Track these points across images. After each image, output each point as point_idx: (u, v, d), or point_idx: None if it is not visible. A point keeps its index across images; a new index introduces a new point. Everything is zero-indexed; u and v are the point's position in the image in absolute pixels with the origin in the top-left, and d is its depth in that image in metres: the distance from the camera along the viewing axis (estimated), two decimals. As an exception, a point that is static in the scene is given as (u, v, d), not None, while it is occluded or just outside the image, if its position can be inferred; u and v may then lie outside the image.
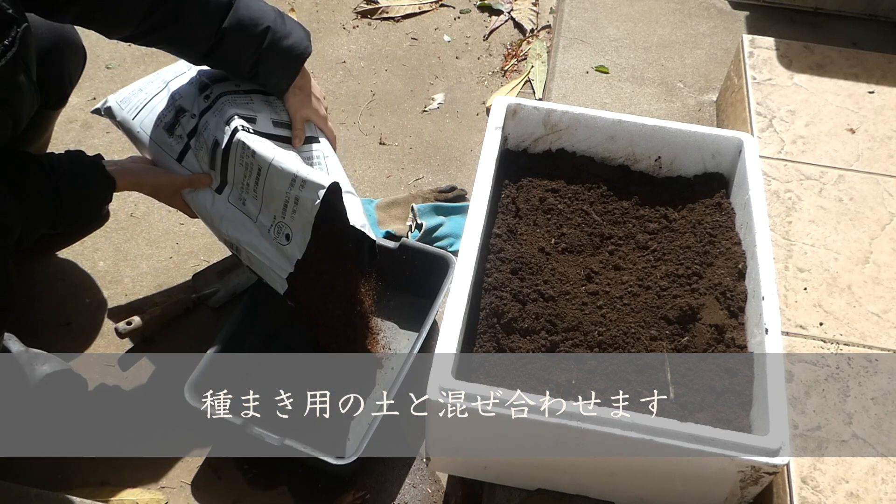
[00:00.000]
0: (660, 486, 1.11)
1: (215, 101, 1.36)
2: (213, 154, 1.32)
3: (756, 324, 1.16)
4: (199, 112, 1.36)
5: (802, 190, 1.62)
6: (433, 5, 2.59)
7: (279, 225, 1.30)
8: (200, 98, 1.38)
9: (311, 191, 1.24)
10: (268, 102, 1.39)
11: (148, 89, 1.44)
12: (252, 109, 1.35)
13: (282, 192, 1.27)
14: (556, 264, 1.29)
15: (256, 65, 1.33)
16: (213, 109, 1.35)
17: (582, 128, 1.42)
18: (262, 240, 1.33)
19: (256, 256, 1.35)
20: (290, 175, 1.25)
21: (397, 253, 1.58)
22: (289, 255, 1.31)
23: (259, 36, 1.30)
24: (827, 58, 1.96)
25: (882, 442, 1.21)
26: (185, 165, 1.37)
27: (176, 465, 1.44)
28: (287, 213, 1.28)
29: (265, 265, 1.34)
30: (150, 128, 1.39)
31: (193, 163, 1.37)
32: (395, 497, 1.41)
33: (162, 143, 1.38)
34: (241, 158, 1.29)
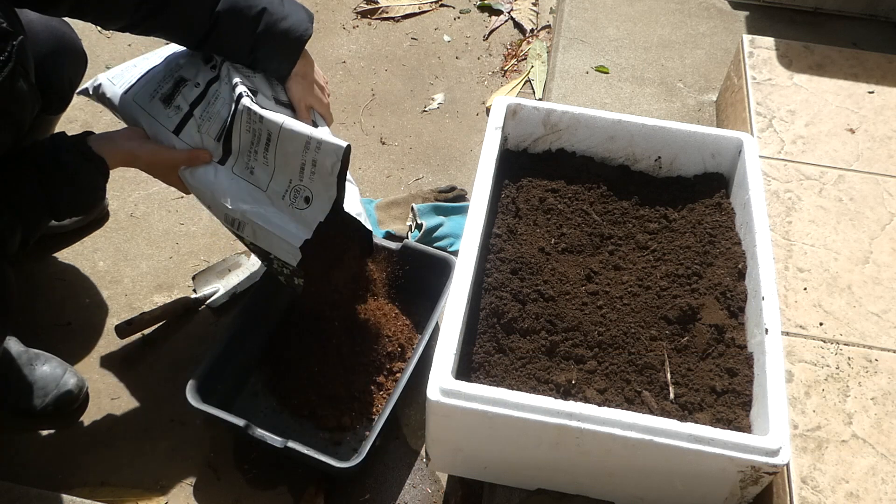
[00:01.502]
0: (660, 486, 1.11)
1: (221, 70, 1.31)
2: (224, 124, 1.28)
3: (756, 324, 1.16)
4: (206, 82, 1.31)
5: (802, 190, 1.62)
6: (433, 5, 2.59)
7: (296, 189, 1.26)
8: (207, 68, 1.33)
9: (329, 153, 1.20)
10: (270, 80, 1.36)
11: (142, 65, 1.39)
12: (254, 83, 1.31)
13: (297, 155, 1.22)
14: (556, 264, 1.29)
15: (254, 50, 1.29)
16: (221, 79, 1.30)
17: (582, 128, 1.42)
18: (273, 208, 1.28)
19: (266, 228, 1.28)
20: (303, 138, 1.21)
21: (398, 254, 1.58)
22: (308, 220, 1.26)
23: (254, 19, 1.26)
24: (827, 58, 1.96)
25: (882, 442, 1.21)
26: (182, 138, 1.29)
27: (176, 465, 1.44)
28: (305, 175, 1.24)
29: (275, 237, 1.28)
30: (145, 100, 1.33)
31: (193, 134, 1.29)
32: (395, 497, 1.42)
33: (157, 114, 1.32)
34: (248, 125, 1.24)
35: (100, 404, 1.51)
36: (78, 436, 1.46)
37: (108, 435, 1.47)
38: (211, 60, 1.34)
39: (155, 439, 1.47)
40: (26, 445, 1.45)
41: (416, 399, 1.51)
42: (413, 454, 1.46)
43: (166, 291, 1.71)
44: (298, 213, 1.26)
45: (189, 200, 1.91)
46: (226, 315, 1.67)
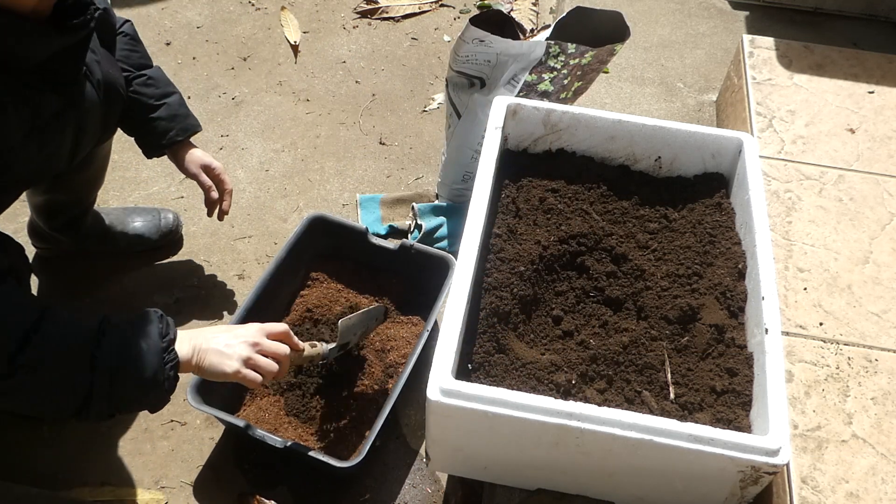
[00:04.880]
0: (660, 486, 1.11)
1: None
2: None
3: (756, 324, 1.16)
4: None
5: (802, 190, 1.62)
6: (433, 5, 2.59)
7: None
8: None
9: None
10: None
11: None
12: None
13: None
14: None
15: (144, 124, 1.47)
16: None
17: (582, 128, 1.42)
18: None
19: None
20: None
21: (398, 254, 1.58)
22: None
23: (158, 99, 1.46)
24: (827, 58, 1.96)
25: (882, 442, 1.21)
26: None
27: (176, 465, 1.44)
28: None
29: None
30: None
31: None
32: (395, 497, 1.42)
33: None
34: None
35: (100, 404, 1.51)
36: (78, 436, 1.46)
37: (108, 435, 1.47)
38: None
39: (155, 439, 1.47)
40: (26, 445, 1.45)
41: (416, 399, 1.51)
42: (413, 454, 1.46)
43: (166, 291, 1.71)
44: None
45: (189, 201, 1.91)
46: (225, 317, 1.68)
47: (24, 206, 1.69)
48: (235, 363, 1.13)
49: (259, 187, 1.96)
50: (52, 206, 1.60)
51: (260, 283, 1.49)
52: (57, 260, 1.74)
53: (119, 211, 1.77)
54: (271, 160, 2.04)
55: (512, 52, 1.51)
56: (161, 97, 1.47)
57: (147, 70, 1.46)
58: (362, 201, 1.92)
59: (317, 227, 1.61)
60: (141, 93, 1.44)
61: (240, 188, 1.96)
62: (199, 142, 2.06)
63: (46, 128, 1.14)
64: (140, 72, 1.44)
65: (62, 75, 1.14)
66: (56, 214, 1.62)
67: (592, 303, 1.28)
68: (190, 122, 1.52)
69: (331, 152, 2.08)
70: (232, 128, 2.13)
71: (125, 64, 1.42)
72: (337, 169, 2.03)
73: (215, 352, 1.13)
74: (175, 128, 1.49)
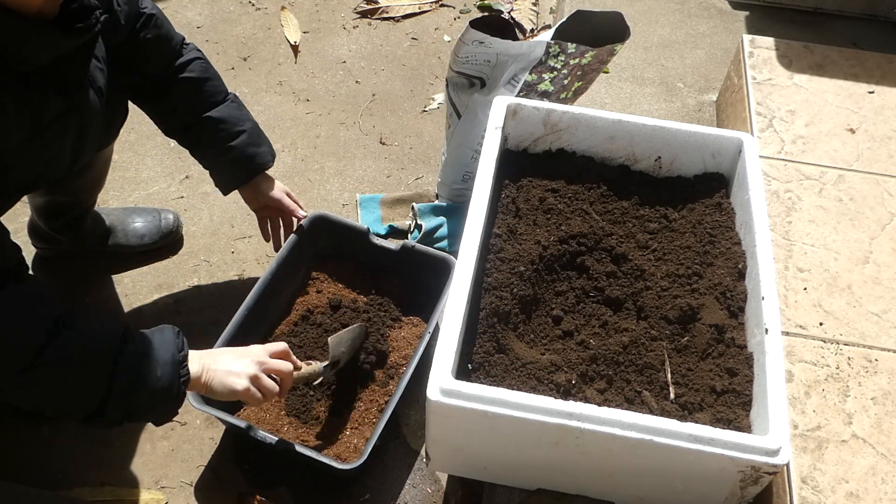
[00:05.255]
0: (660, 486, 1.11)
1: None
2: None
3: (756, 324, 1.16)
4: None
5: (802, 190, 1.62)
6: (433, 5, 2.59)
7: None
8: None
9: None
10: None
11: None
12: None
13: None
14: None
15: (219, 157, 1.50)
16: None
17: (582, 128, 1.42)
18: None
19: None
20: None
21: (399, 254, 1.59)
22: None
23: (233, 134, 1.48)
24: (827, 58, 1.96)
25: (882, 442, 1.21)
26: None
27: (176, 465, 1.44)
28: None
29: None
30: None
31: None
32: (395, 497, 1.42)
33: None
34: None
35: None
36: (78, 436, 1.46)
37: (108, 435, 1.47)
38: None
39: (155, 439, 1.47)
40: (26, 445, 1.45)
41: (417, 399, 1.51)
42: (413, 454, 1.46)
43: (166, 291, 1.71)
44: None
45: (189, 200, 1.91)
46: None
47: (24, 206, 1.69)
48: (245, 381, 1.16)
49: (259, 187, 1.96)
50: (52, 207, 1.60)
51: (261, 283, 1.49)
52: (57, 260, 1.74)
53: (119, 211, 1.77)
54: (271, 160, 2.04)
55: (512, 52, 1.51)
56: (228, 139, 1.47)
57: (215, 110, 1.46)
58: (362, 201, 1.92)
59: (318, 226, 1.61)
60: (207, 138, 1.47)
61: (240, 188, 1.96)
62: (199, 142, 2.06)
63: (48, 130, 1.14)
64: (207, 114, 1.45)
65: (65, 78, 1.14)
66: (56, 215, 1.62)
67: (592, 303, 1.28)
68: (257, 161, 1.52)
69: (331, 152, 2.08)
70: (232, 128, 2.12)
71: (190, 111, 1.45)
72: (337, 169, 2.03)
73: (224, 371, 1.16)
74: (240, 170, 1.51)
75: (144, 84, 1.41)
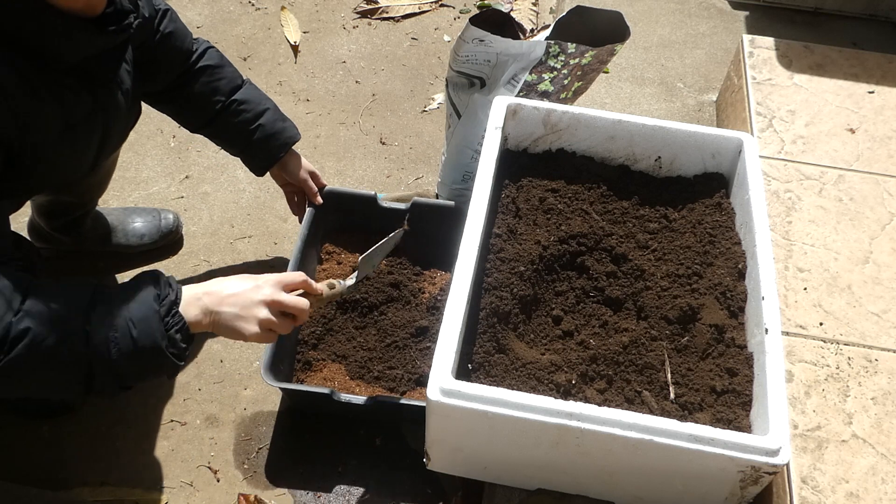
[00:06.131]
0: (660, 486, 1.11)
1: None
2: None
3: (756, 324, 1.16)
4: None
5: (802, 190, 1.62)
6: (433, 5, 2.59)
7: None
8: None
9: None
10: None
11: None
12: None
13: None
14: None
15: (249, 138, 1.50)
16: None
17: (582, 128, 1.42)
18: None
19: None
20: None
21: (410, 213, 1.65)
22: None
23: (257, 115, 1.50)
24: (827, 58, 1.96)
25: (882, 442, 1.21)
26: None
27: (176, 465, 1.44)
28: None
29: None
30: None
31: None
32: (395, 497, 1.41)
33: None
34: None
35: (100, 404, 1.51)
36: (78, 436, 1.46)
37: (107, 435, 1.47)
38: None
39: (155, 439, 1.47)
40: (26, 445, 1.45)
41: (416, 399, 1.51)
42: (413, 454, 1.46)
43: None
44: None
45: (189, 200, 1.91)
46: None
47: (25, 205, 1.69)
48: (254, 327, 1.07)
49: (259, 187, 1.96)
50: (54, 206, 1.60)
51: (293, 263, 1.51)
52: (57, 260, 1.74)
53: (119, 211, 1.77)
54: (271, 160, 2.04)
55: (512, 51, 1.51)
56: (255, 119, 1.50)
57: (238, 93, 1.49)
58: (362, 201, 1.93)
59: (329, 200, 1.64)
60: (235, 120, 1.48)
61: (240, 188, 1.96)
62: (199, 141, 2.06)
63: (77, 128, 1.15)
64: (231, 98, 1.48)
65: (94, 78, 1.15)
66: (58, 215, 1.62)
67: (592, 303, 1.28)
68: (286, 135, 1.54)
69: (331, 152, 2.08)
70: (232, 128, 2.12)
71: (214, 97, 1.47)
72: (337, 169, 2.03)
73: (232, 315, 1.06)
74: (273, 147, 1.53)
75: (167, 81, 1.43)
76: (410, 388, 1.49)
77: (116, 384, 1.01)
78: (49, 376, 0.98)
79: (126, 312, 0.99)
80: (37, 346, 0.95)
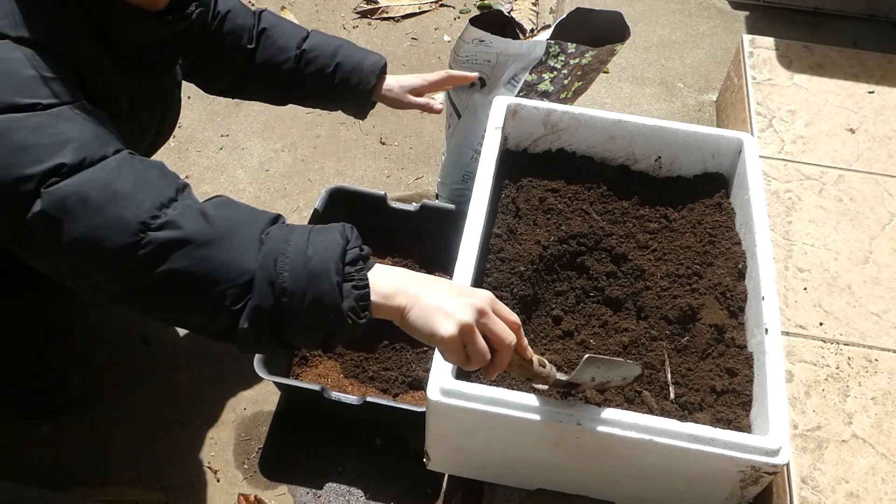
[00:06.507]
0: (660, 486, 1.11)
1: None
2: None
3: (756, 324, 1.16)
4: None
5: (802, 190, 1.62)
6: (433, 5, 2.59)
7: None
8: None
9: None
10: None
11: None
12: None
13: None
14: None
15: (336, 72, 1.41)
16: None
17: (582, 128, 1.42)
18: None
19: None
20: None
21: (418, 215, 1.66)
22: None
23: (332, 53, 1.41)
24: (827, 58, 1.96)
25: (882, 442, 1.21)
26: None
27: (176, 465, 1.44)
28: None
29: None
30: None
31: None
32: (395, 497, 1.42)
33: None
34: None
35: (100, 404, 1.51)
36: (78, 436, 1.46)
37: (108, 435, 1.47)
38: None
39: (155, 439, 1.47)
40: (26, 445, 1.45)
41: (416, 399, 1.51)
42: (413, 454, 1.46)
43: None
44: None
45: (189, 200, 1.91)
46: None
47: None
48: (453, 327, 0.84)
49: (259, 187, 1.96)
50: None
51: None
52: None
53: None
54: (271, 160, 2.04)
55: (512, 52, 1.51)
56: (331, 59, 1.40)
57: (305, 42, 1.40)
58: (362, 201, 1.93)
59: (337, 198, 1.64)
60: (314, 69, 1.40)
61: (240, 188, 1.96)
62: (199, 141, 2.06)
63: (141, 107, 1.15)
64: (300, 49, 1.39)
65: (154, 66, 1.15)
66: None
67: (592, 303, 1.28)
68: (369, 63, 1.43)
69: (331, 152, 2.08)
70: (232, 128, 2.12)
71: (284, 56, 1.38)
72: (337, 169, 2.03)
73: (433, 306, 0.86)
74: (360, 80, 1.42)
75: (241, 60, 1.38)
76: (403, 390, 1.49)
77: (267, 329, 0.84)
78: (207, 283, 0.83)
79: (307, 244, 0.85)
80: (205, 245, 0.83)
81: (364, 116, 1.51)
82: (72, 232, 0.80)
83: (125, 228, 0.81)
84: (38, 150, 0.81)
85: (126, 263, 0.81)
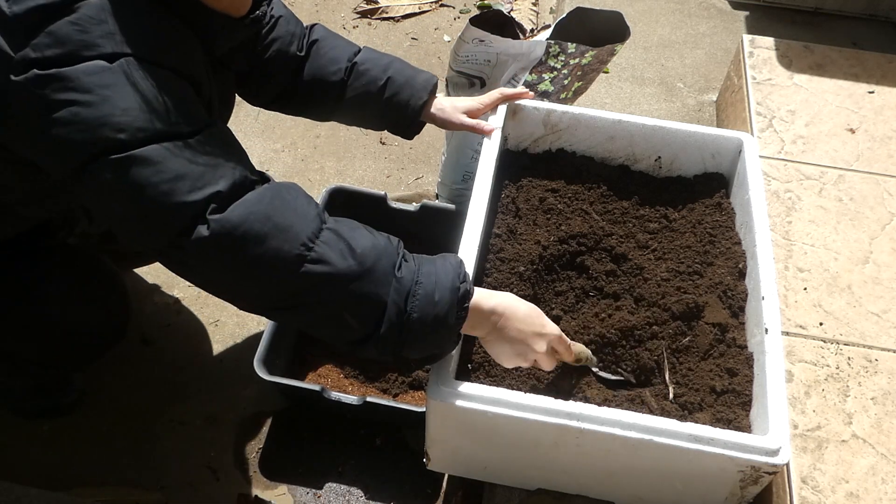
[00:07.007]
0: (660, 486, 1.11)
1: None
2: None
3: (756, 324, 1.16)
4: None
5: (802, 190, 1.62)
6: (433, 5, 2.59)
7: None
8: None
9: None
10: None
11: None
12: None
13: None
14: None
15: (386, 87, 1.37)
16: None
17: (582, 128, 1.42)
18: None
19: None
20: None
21: (419, 215, 1.66)
22: None
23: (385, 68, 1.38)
24: (827, 58, 1.96)
25: (882, 442, 1.21)
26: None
27: (176, 465, 1.44)
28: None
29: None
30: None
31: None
32: (395, 497, 1.42)
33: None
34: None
35: (100, 404, 1.51)
36: (78, 436, 1.46)
37: (108, 435, 1.47)
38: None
39: (155, 439, 1.47)
40: (26, 445, 1.45)
41: (416, 399, 1.51)
42: (413, 454, 1.46)
43: (166, 291, 1.71)
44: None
45: (189, 200, 1.92)
46: (225, 316, 1.67)
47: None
48: (530, 354, 1.04)
49: (259, 187, 1.96)
50: None
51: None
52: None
53: None
54: (271, 160, 2.04)
55: (512, 51, 1.51)
56: (382, 73, 1.36)
57: (357, 56, 1.37)
58: (362, 201, 1.93)
59: (337, 198, 1.64)
60: (364, 82, 1.36)
61: (240, 188, 1.96)
62: (199, 142, 2.06)
63: (223, 105, 1.19)
64: (351, 62, 1.36)
65: (226, 67, 1.18)
66: None
67: (592, 302, 1.28)
68: (421, 79, 1.39)
69: (331, 152, 2.08)
70: (232, 128, 2.12)
71: (334, 66, 1.35)
72: (337, 169, 2.03)
73: (524, 332, 1.03)
74: (411, 96, 1.37)
75: (290, 67, 1.35)
76: (403, 390, 1.49)
77: (395, 341, 0.96)
78: (349, 310, 0.95)
79: (431, 272, 0.97)
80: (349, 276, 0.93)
81: (411, 136, 1.43)
82: (234, 259, 0.90)
83: (285, 262, 0.91)
84: (194, 177, 0.89)
85: (280, 289, 0.93)
